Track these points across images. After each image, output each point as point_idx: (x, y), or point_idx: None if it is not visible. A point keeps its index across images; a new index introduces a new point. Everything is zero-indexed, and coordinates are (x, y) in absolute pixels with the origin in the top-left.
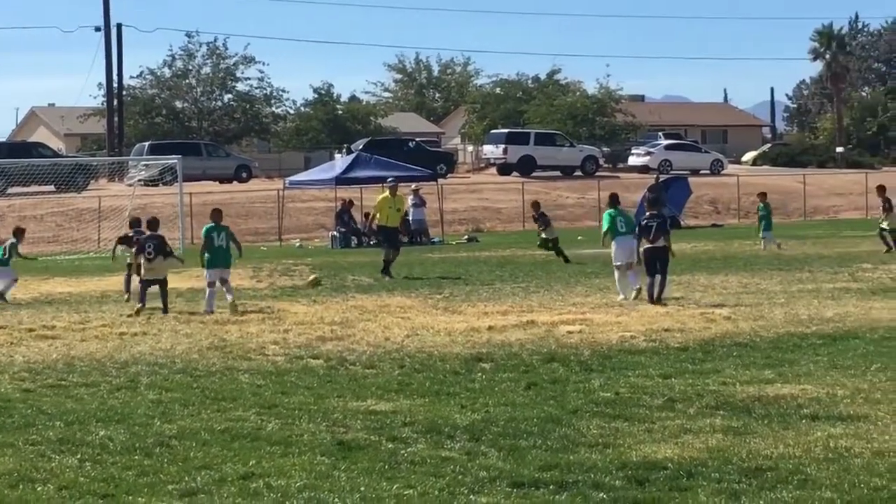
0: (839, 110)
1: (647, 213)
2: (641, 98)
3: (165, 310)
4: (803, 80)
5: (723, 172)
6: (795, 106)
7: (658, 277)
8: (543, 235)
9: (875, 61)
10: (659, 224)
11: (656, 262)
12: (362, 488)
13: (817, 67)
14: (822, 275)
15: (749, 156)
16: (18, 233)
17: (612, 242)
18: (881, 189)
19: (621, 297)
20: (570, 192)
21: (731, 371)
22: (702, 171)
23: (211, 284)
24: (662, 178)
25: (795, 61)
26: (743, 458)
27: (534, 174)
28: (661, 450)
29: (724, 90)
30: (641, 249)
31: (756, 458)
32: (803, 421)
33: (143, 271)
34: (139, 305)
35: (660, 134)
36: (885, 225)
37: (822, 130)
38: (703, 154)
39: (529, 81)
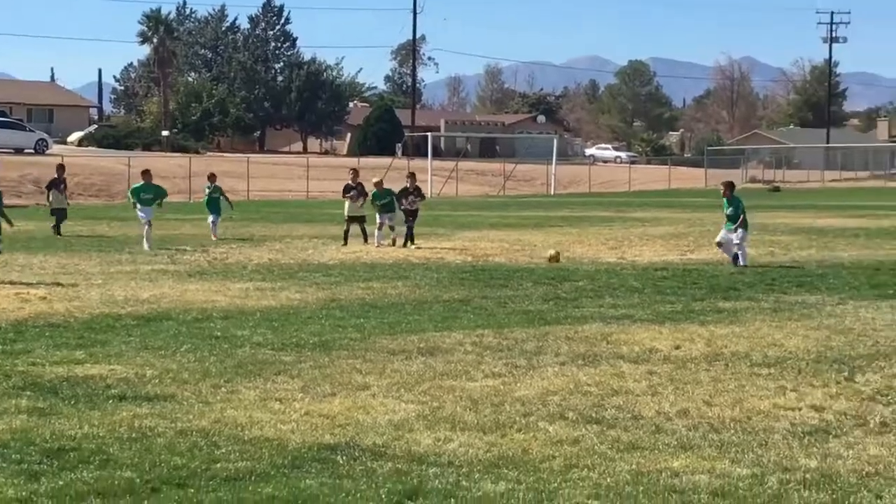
0: (165, 94)
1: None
2: None
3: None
4: (131, 63)
5: (48, 152)
6: (123, 88)
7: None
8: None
9: (202, 48)
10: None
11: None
12: None
13: (145, 51)
14: (141, 257)
15: (75, 136)
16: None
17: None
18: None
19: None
20: None
21: (42, 352)
22: (26, 150)
23: None
24: None
25: (125, 44)
26: (46, 439)
27: None
28: None
29: (52, 69)
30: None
31: (60, 439)
32: (110, 401)
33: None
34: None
35: None
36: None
37: (149, 114)
38: (27, 133)
39: None
